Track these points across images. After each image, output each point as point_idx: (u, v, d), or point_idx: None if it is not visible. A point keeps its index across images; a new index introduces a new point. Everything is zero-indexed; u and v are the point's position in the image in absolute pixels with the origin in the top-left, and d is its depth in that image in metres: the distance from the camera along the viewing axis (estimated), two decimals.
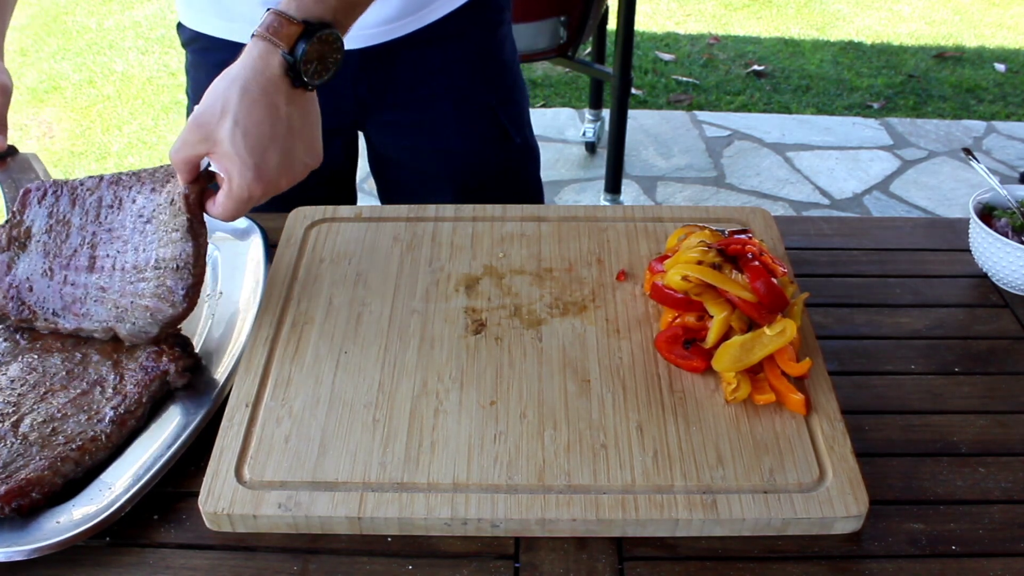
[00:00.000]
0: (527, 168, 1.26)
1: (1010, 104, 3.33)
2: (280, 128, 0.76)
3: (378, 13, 1.03)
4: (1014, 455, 0.78)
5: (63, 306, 0.83)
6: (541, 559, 0.69)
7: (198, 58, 1.14)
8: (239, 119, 0.73)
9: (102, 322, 0.82)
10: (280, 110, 0.75)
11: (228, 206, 0.77)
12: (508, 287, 0.90)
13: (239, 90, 0.74)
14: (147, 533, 0.71)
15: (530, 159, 1.26)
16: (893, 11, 4.05)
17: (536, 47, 2.45)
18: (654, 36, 3.83)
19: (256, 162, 0.75)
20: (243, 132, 0.74)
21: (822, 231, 1.06)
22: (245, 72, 0.75)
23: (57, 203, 0.86)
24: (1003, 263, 0.94)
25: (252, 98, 0.74)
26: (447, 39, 1.10)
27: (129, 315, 0.81)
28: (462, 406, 0.77)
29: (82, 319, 0.83)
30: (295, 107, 0.77)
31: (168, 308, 0.80)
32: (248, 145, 0.74)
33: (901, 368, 0.87)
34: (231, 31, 1.08)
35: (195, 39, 1.13)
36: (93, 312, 0.82)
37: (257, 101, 0.74)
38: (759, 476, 0.71)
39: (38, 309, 0.84)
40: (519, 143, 1.21)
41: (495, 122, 1.18)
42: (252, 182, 0.75)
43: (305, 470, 0.72)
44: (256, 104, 0.74)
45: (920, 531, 0.71)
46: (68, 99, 3.34)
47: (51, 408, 0.77)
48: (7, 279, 0.85)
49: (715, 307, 0.80)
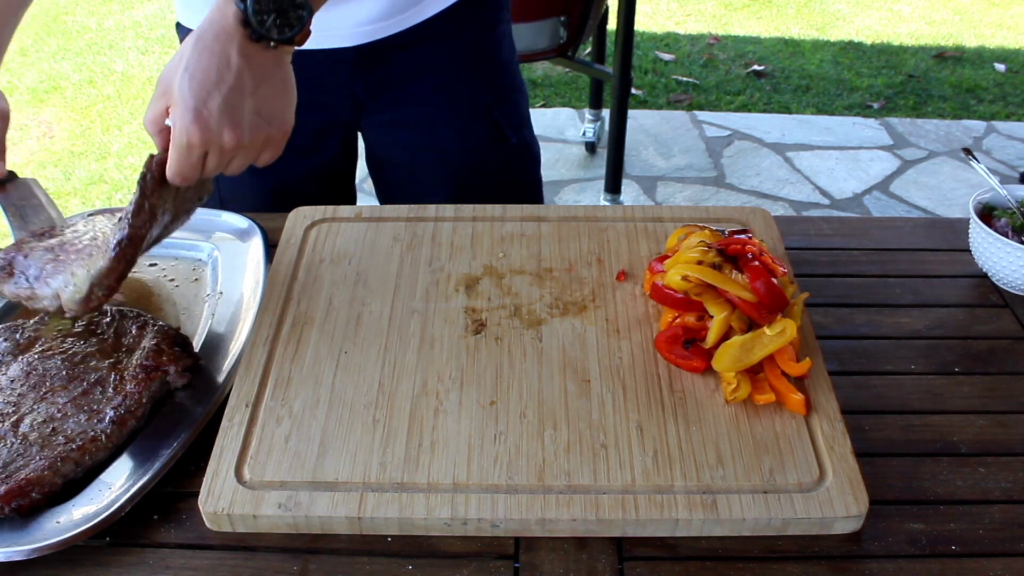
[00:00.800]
0: (525, 168, 1.26)
1: (1010, 104, 3.33)
2: (228, 77, 0.73)
3: (370, 10, 1.03)
4: (1014, 455, 0.78)
5: (36, 276, 0.80)
6: (541, 559, 0.69)
7: None
8: (188, 65, 0.73)
9: (53, 290, 0.79)
10: (231, 60, 0.74)
11: (172, 154, 0.75)
12: (508, 287, 0.90)
13: (194, 40, 0.74)
14: (147, 533, 0.71)
15: (528, 159, 1.25)
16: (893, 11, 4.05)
17: (536, 47, 2.45)
18: (654, 36, 3.83)
19: (196, 105, 0.73)
20: (189, 76, 0.73)
21: (822, 231, 1.06)
22: (203, 24, 0.74)
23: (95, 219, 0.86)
24: (1003, 263, 0.94)
25: (203, 45, 0.73)
26: (441, 38, 1.10)
27: (72, 279, 0.77)
28: (462, 406, 0.77)
29: (43, 287, 0.80)
30: (249, 62, 0.74)
31: (100, 260, 0.75)
32: (191, 88, 0.73)
33: (901, 368, 0.87)
34: None
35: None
36: (52, 282, 0.79)
37: (207, 48, 0.73)
38: (759, 476, 0.71)
39: (18, 268, 0.81)
40: (515, 143, 1.21)
41: (491, 122, 1.17)
42: (190, 124, 0.73)
43: (305, 470, 0.72)
44: (206, 51, 0.73)
45: (920, 531, 0.71)
46: (68, 99, 3.34)
47: (51, 408, 0.77)
48: (13, 246, 0.84)
49: (715, 307, 0.80)
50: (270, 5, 0.74)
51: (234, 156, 0.77)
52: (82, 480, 0.73)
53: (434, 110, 1.14)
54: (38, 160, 2.99)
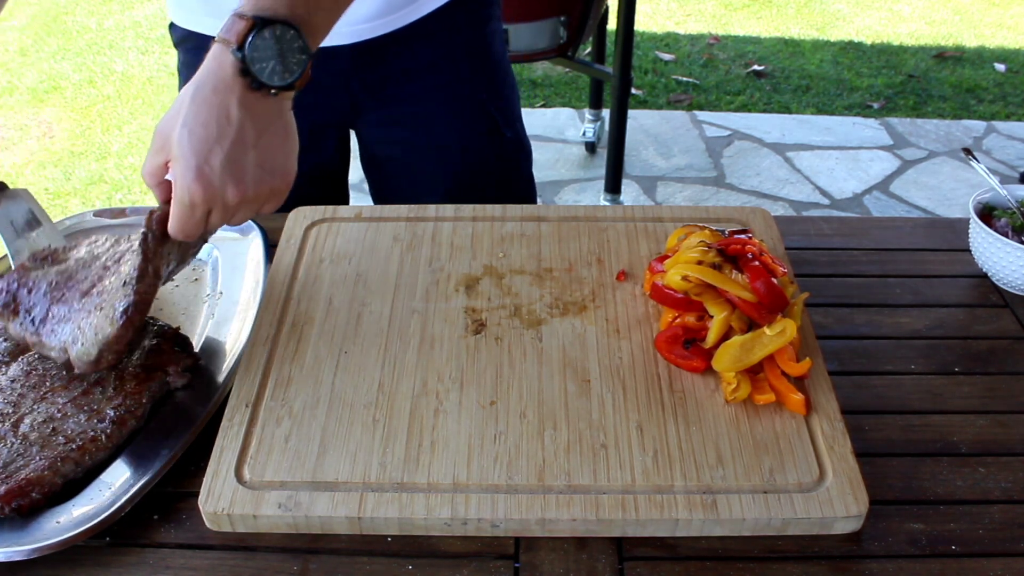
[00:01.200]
0: (519, 163, 1.26)
1: (1010, 104, 3.33)
2: (229, 131, 0.71)
3: (367, 8, 1.03)
4: (1014, 455, 0.78)
5: (43, 318, 0.79)
6: (541, 559, 0.69)
7: (190, 57, 1.14)
8: (187, 119, 0.70)
9: (61, 342, 0.78)
10: (231, 113, 0.71)
11: (174, 212, 0.73)
12: (508, 287, 0.90)
13: (192, 92, 0.71)
14: (147, 533, 0.71)
15: (522, 154, 1.26)
16: (893, 11, 4.05)
17: (536, 47, 2.45)
18: (654, 36, 3.83)
19: (197, 163, 0.70)
20: (189, 131, 0.70)
21: (822, 231, 1.06)
22: (200, 75, 0.72)
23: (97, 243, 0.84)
24: (1003, 263, 0.94)
25: (202, 98, 0.71)
26: (436, 35, 1.10)
27: (80, 335, 0.77)
28: (462, 406, 0.77)
29: (50, 336, 0.79)
30: (250, 113, 0.72)
31: (107, 326, 0.75)
32: (192, 144, 0.70)
33: (901, 368, 0.87)
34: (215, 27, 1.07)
35: (187, 38, 1.13)
36: (58, 331, 0.78)
37: (206, 101, 0.70)
38: (759, 476, 0.71)
39: (23, 306, 0.81)
40: (510, 137, 1.21)
41: (486, 117, 1.18)
42: (192, 183, 0.70)
43: (305, 470, 0.72)
44: (204, 104, 0.70)
45: (920, 531, 0.71)
46: (68, 99, 3.34)
47: (51, 408, 0.77)
48: (14, 275, 0.83)
49: (715, 307, 0.80)
50: (269, 51, 0.71)
51: (237, 211, 0.75)
52: (82, 480, 0.73)
53: (431, 107, 1.15)
54: (38, 160, 2.99)
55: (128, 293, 0.75)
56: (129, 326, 0.75)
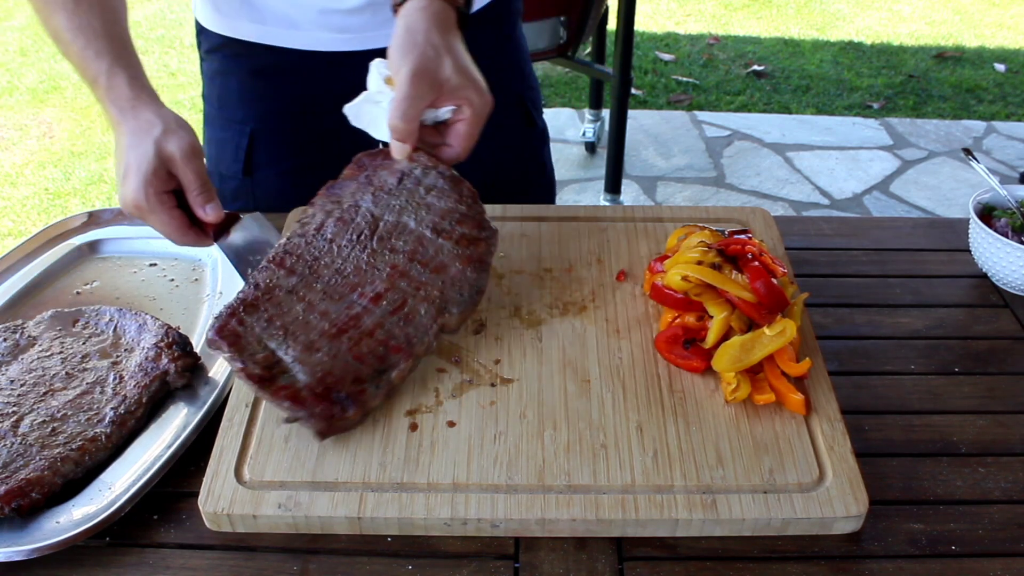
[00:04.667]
0: (544, 151, 1.29)
1: (1010, 104, 3.33)
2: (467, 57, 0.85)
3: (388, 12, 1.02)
4: (1014, 455, 0.78)
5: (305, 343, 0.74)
6: (541, 559, 0.69)
7: (229, 64, 1.11)
8: (452, 53, 0.82)
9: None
10: (461, 44, 0.85)
11: (474, 129, 0.84)
12: (508, 287, 0.90)
13: (437, 39, 0.82)
14: (147, 533, 0.71)
15: (546, 143, 1.29)
16: (893, 11, 4.05)
17: (536, 47, 2.45)
18: (654, 36, 3.84)
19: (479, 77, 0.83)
20: (464, 63, 0.83)
21: (822, 231, 1.06)
22: (436, 26, 0.83)
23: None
24: (1003, 263, 0.94)
25: (450, 41, 0.83)
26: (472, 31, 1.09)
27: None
28: (462, 406, 0.77)
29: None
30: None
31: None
32: (475, 68, 0.83)
33: (901, 368, 0.87)
34: (265, 34, 1.05)
35: (224, 44, 1.09)
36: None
37: (453, 36, 0.84)
38: (759, 476, 0.71)
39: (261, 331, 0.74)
40: (541, 127, 1.24)
41: (522, 108, 1.20)
42: (487, 95, 0.83)
43: (305, 470, 0.72)
44: (455, 39, 0.84)
45: (920, 531, 0.71)
46: (68, 99, 3.34)
47: (51, 408, 0.77)
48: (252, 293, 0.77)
49: (715, 307, 0.80)
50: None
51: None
52: (82, 480, 0.73)
53: None
54: (38, 160, 2.99)
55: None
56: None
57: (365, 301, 0.77)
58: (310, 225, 0.82)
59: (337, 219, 0.82)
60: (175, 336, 0.83)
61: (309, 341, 0.74)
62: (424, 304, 0.77)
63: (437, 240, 0.80)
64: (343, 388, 0.72)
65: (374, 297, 0.77)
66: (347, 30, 1.04)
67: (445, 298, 0.77)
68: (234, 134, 1.12)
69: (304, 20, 1.03)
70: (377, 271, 0.78)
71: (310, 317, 0.76)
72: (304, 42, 1.05)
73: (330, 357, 0.73)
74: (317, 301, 0.77)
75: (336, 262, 0.79)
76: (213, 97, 1.14)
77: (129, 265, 0.99)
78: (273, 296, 0.77)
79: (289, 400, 0.71)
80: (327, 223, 0.82)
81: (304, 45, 1.05)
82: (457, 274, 0.79)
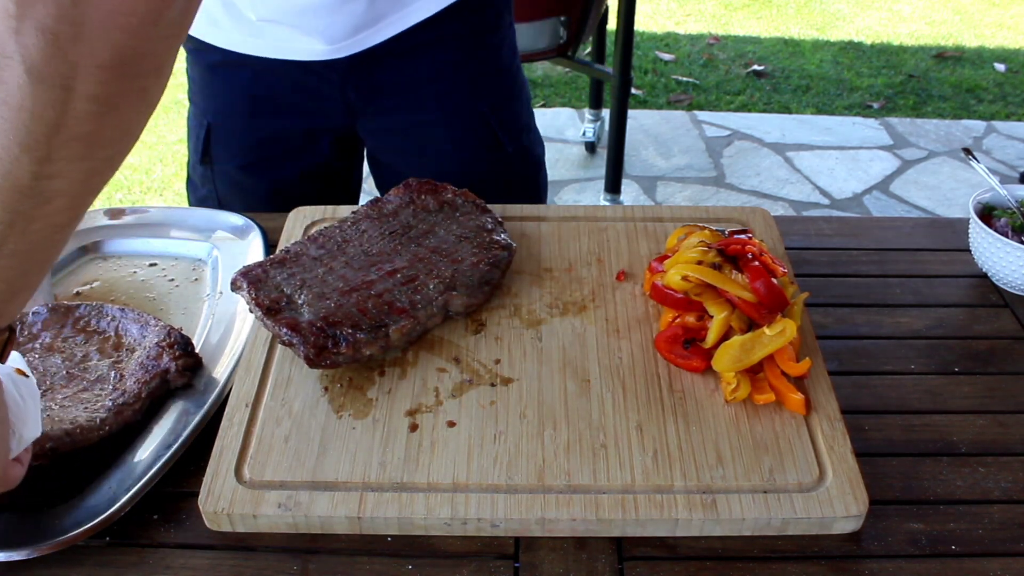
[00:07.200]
0: (525, 175, 1.23)
1: (1010, 104, 3.33)
2: None
3: (346, 22, 1.02)
4: (1014, 455, 0.78)
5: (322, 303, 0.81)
6: (541, 559, 0.69)
7: (192, 57, 1.15)
8: None
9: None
10: None
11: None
12: (508, 287, 0.90)
13: None
14: (147, 533, 0.71)
15: (528, 165, 1.23)
16: (893, 11, 4.05)
17: (536, 47, 2.45)
18: (654, 36, 3.83)
19: None
20: None
21: (822, 231, 1.06)
22: None
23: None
24: (1003, 263, 0.94)
25: None
26: (435, 45, 1.09)
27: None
28: (462, 406, 0.77)
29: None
30: None
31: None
32: None
33: (901, 368, 0.87)
34: (215, 36, 1.08)
35: (187, 39, 1.12)
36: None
37: None
38: (759, 476, 0.71)
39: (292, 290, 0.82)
40: (512, 152, 1.18)
41: (487, 130, 1.16)
42: None
43: (305, 470, 0.72)
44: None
45: (920, 531, 0.71)
46: None
47: (51, 404, 0.77)
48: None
49: (715, 307, 0.80)
50: None
51: None
52: (82, 480, 0.73)
53: (428, 117, 1.14)
54: None
55: None
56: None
57: (381, 273, 0.85)
58: (347, 220, 0.92)
59: (374, 219, 0.92)
60: (177, 336, 0.83)
61: (322, 293, 0.82)
62: (434, 281, 0.84)
63: (459, 243, 0.89)
64: (341, 329, 0.78)
65: (390, 271, 0.85)
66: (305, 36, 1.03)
67: (455, 280, 0.84)
68: (195, 124, 1.17)
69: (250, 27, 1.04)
70: (399, 256, 0.87)
71: (328, 278, 0.84)
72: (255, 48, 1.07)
73: (336, 306, 0.80)
74: (338, 268, 0.86)
75: (364, 244, 0.89)
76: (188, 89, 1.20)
77: (129, 265, 0.99)
78: (300, 260, 0.87)
79: (288, 327, 0.78)
80: (363, 222, 0.92)
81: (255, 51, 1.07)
82: (470, 265, 0.86)
